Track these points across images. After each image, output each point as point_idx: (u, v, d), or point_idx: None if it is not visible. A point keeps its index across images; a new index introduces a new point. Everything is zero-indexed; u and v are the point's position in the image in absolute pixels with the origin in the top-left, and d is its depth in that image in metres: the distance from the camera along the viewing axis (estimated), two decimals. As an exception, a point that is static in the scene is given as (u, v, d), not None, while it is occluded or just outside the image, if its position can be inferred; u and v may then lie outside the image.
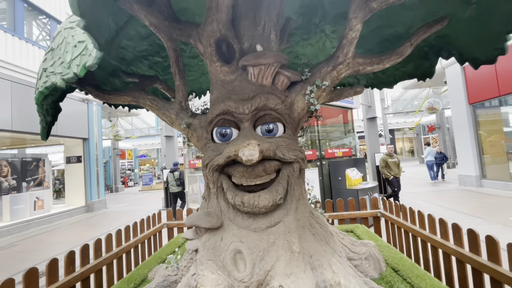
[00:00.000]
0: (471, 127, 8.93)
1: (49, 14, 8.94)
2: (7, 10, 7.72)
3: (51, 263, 1.75)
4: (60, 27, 1.74)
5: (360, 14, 1.43)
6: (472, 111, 8.98)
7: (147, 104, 1.91)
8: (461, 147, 9.43)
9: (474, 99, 8.79)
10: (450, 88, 9.74)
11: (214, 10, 1.52)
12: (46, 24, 9.28)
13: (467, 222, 5.10)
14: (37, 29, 9.45)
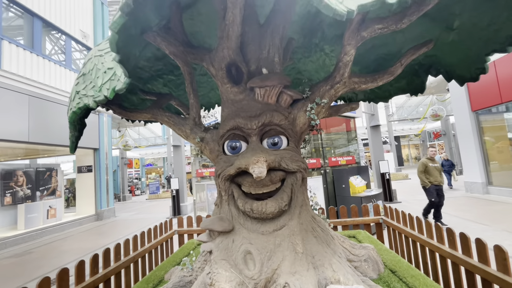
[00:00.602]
0: (475, 134, 8.97)
1: (64, 31, 9.43)
2: (25, 27, 8.20)
3: (79, 265, 1.94)
4: (90, 54, 1.98)
5: (353, 42, 1.63)
6: (475, 118, 9.04)
7: (164, 120, 2.12)
8: (466, 154, 9.44)
9: (477, 106, 8.86)
10: (452, 96, 9.83)
11: (225, 39, 1.74)
12: (59, 38, 9.75)
13: (471, 229, 5.14)
14: (50, 43, 9.95)
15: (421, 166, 5.91)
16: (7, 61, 7.13)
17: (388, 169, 8.85)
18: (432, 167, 5.86)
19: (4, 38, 7.10)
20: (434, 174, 5.82)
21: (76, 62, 10.46)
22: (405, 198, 9.43)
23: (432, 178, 5.80)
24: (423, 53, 1.93)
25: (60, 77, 8.93)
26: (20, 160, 12.10)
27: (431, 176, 5.81)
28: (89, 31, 10.74)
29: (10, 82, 7.13)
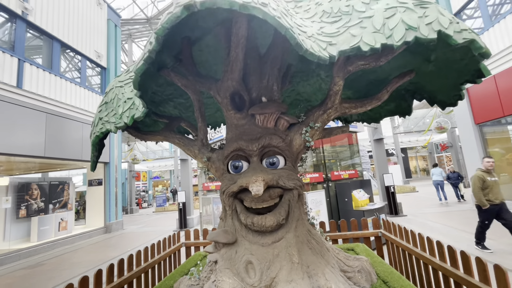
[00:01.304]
0: (480, 147, 8.98)
1: (80, 52, 10.04)
2: (44, 49, 8.79)
3: (97, 274, 2.15)
4: (112, 85, 2.27)
5: (340, 74, 1.86)
6: (479, 130, 9.08)
7: (175, 142, 2.36)
8: (471, 166, 9.40)
9: (480, 119, 8.93)
10: (455, 109, 9.92)
11: (229, 72, 2.00)
12: (73, 57, 10.33)
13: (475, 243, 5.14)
14: (64, 61, 10.53)
15: (477, 181, 4.82)
16: (28, 81, 7.65)
17: (392, 182, 8.88)
18: (492, 182, 4.84)
19: (26, 61, 7.65)
20: (495, 190, 4.77)
21: (88, 79, 11.03)
22: (411, 211, 9.38)
23: (491, 196, 4.73)
24: (408, 80, 2.15)
25: (75, 95, 9.45)
26: (34, 173, 12.56)
27: (491, 193, 4.74)
28: (103, 51, 11.38)
29: (30, 101, 7.62)
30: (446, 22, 1.26)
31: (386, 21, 1.35)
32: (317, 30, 1.53)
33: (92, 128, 2.23)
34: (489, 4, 8.56)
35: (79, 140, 9.29)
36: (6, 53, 7.12)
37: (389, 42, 1.28)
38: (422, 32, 1.25)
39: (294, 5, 1.92)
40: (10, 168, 10.08)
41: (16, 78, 7.28)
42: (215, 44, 2.34)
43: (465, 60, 1.72)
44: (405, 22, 1.29)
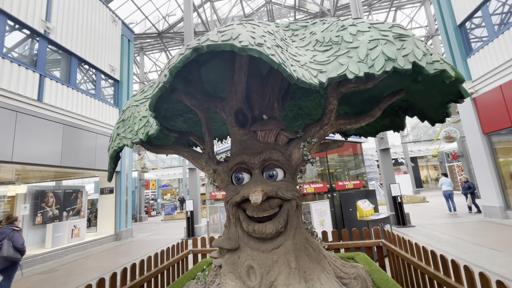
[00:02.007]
0: (489, 157, 8.89)
1: (95, 66, 10.59)
2: (62, 64, 9.34)
3: (112, 276, 2.34)
4: (128, 104, 2.52)
5: (334, 95, 2.05)
6: (487, 140, 9.01)
7: (184, 155, 2.57)
8: (481, 177, 9.29)
9: (488, 129, 8.87)
10: (463, 119, 9.89)
11: (234, 93, 2.21)
12: (88, 70, 10.85)
13: (483, 255, 5.10)
14: (79, 73, 11.08)
15: None
16: (48, 95, 8.14)
17: (399, 192, 8.84)
18: None
19: (46, 76, 8.17)
20: None
21: (102, 92, 11.56)
22: (420, 222, 9.27)
23: None
24: (400, 98, 2.31)
25: (90, 107, 9.93)
26: (49, 182, 13.06)
27: None
28: (116, 65, 11.95)
29: (49, 113, 8.08)
30: (420, 54, 1.43)
31: (369, 52, 1.54)
32: (309, 58, 1.73)
33: (111, 143, 2.47)
34: (493, 14, 8.63)
35: (92, 150, 9.70)
36: (29, 69, 7.64)
37: (371, 71, 1.46)
38: (399, 63, 1.43)
39: (291, 33, 2.13)
40: (27, 177, 10.57)
41: (37, 92, 7.78)
42: (221, 65, 2.58)
43: (447, 83, 1.88)
44: (385, 54, 1.48)
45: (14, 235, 4.49)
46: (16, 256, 4.43)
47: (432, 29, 17.17)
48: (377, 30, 1.65)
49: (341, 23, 1.84)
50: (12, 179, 9.92)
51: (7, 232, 4.48)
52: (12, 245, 4.41)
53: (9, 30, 7.42)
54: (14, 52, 7.62)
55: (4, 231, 4.50)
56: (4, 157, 6.60)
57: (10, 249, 4.36)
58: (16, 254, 4.44)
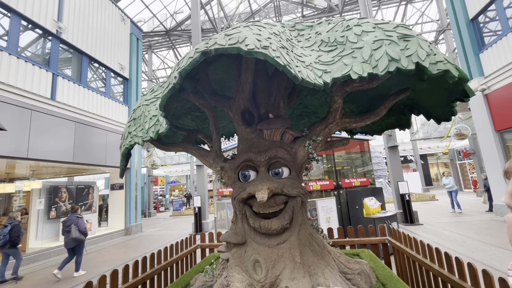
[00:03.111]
0: (501, 154, 8.69)
1: (105, 65, 10.81)
2: (74, 63, 9.57)
3: (124, 268, 2.45)
4: (139, 103, 2.60)
5: (339, 94, 2.07)
6: (500, 138, 8.80)
7: (193, 153, 2.65)
8: (492, 175, 9.11)
9: (500, 126, 8.67)
10: (474, 116, 9.68)
11: (240, 92, 2.27)
12: (98, 68, 11.05)
13: (492, 254, 5.04)
14: (90, 72, 11.30)
15: None
16: (60, 93, 8.38)
17: (407, 190, 8.76)
18: None
19: (59, 75, 8.40)
20: None
21: (112, 90, 11.79)
22: (428, 220, 9.18)
23: None
24: (406, 97, 2.32)
25: (100, 104, 10.17)
26: (62, 178, 13.46)
27: None
28: (126, 63, 12.15)
29: (62, 111, 8.32)
30: (423, 54, 1.45)
31: (373, 53, 1.56)
32: (314, 58, 1.77)
33: (122, 141, 2.57)
34: (508, 7, 8.37)
35: (103, 147, 9.95)
36: (42, 68, 7.87)
37: (375, 72, 1.49)
38: (402, 64, 1.45)
39: (297, 33, 2.16)
40: (41, 173, 10.93)
41: (51, 90, 8.01)
42: (228, 63, 2.64)
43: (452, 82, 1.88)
44: (389, 54, 1.50)
45: (78, 221, 5.81)
46: (81, 237, 5.79)
47: (443, 24, 16.75)
48: (382, 30, 1.67)
49: (346, 23, 1.86)
50: (27, 175, 10.29)
51: (73, 219, 5.78)
52: (77, 229, 5.72)
53: (23, 30, 7.65)
54: (28, 52, 7.86)
55: (70, 218, 5.81)
56: (20, 153, 6.86)
57: (76, 232, 5.67)
58: (81, 235, 5.77)
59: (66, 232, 5.72)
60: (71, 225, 5.71)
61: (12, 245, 5.60)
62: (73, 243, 5.77)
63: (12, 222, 5.73)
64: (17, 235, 5.62)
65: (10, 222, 5.73)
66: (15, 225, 5.67)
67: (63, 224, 5.83)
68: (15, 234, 5.60)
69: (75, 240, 5.72)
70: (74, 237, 5.66)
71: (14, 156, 6.71)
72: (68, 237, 5.68)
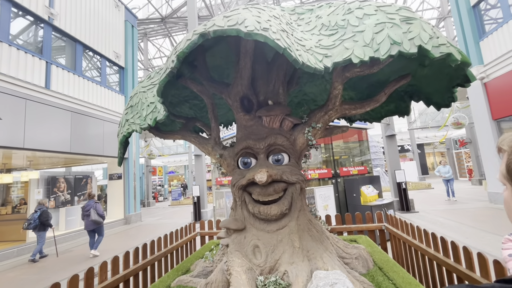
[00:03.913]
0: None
1: (100, 53, 10.59)
2: (68, 51, 9.36)
3: (125, 255, 2.48)
4: (136, 90, 2.56)
5: (339, 80, 2.05)
6: (496, 126, 8.85)
7: (191, 140, 2.63)
8: (488, 163, 9.22)
9: (497, 115, 8.70)
10: (472, 104, 9.69)
11: (239, 78, 2.23)
12: (92, 57, 10.82)
13: (486, 240, 5.16)
14: (84, 61, 11.07)
15: None
16: (55, 82, 8.23)
17: (404, 178, 8.86)
18: None
19: (53, 63, 8.22)
20: None
21: (108, 79, 11.60)
22: (423, 208, 9.34)
23: None
24: (406, 83, 2.30)
25: (96, 94, 10.02)
26: (59, 168, 13.42)
27: None
28: (121, 51, 11.90)
29: (57, 101, 8.20)
30: (426, 37, 1.42)
31: (375, 36, 1.53)
32: (315, 42, 1.73)
33: (120, 128, 2.54)
34: (510, -5, 8.23)
35: (100, 137, 9.88)
36: (35, 56, 7.69)
37: (376, 56, 1.47)
38: (404, 47, 1.42)
39: (297, 17, 2.11)
40: (38, 163, 10.88)
41: (45, 79, 7.86)
42: (226, 49, 2.58)
43: (453, 67, 1.86)
44: (391, 37, 1.47)
45: (96, 206, 6.52)
46: (99, 220, 6.47)
47: (444, 11, 16.49)
48: (384, 13, 1.63)
49: (348, 6, 1.81)
50: (24, 166, 10.24)
51: (91, 204, 6.50)
52: (96, 212, 6.41)
53: (14, 17, 7.42)
54: (20, 39, 7.65)
55: (89, 203, 6.52)
56: (16, 143, 6.79)
57: (95, 215, 6.39)
58: (99, 218, 6.47)
59: (86, 216, 6.43)
60: (90, 209, 6.41)
61: (42, 228, 6.51)
62: (93, 226, 6.48)
63: (41, 208, 6.59)
64: (45, 219, 6.50)
65: (40, 208, 6.59)
66: (43, 211, 6.53)
67: (83, 209, 6.54)
68: (44, 218, 6.48)
69: (94, 222, 6.43)
70: (94, 219, 6.37)
71: (10, 146, 6.65)
72: (88, 220, 6.40)
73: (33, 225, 6.37)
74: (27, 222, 6.43)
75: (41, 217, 6.46)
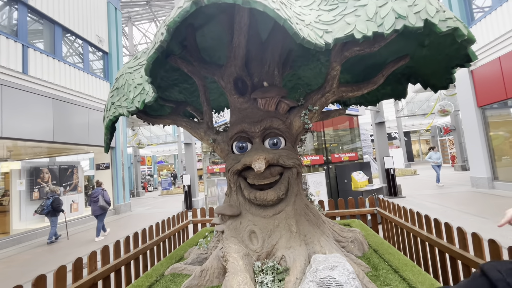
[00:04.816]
0: (481, 130, 9.03)
1: (81, 37, 10.01)
2: (46, 34, 8.77)
3: (115, 244, 2.39)
4: (121, 71, 2.39)
5: (338, 59, 1.97)
6: (481, 113, 9.09)
7: (182, 125, 2.52)
8: (472, 149, 9.52)
9: (482, 102, 8.92)
10: (459, 92, 9.88)
11: (232, 58, 2.12)
12: (73, 41, 10.24)
13: (469, 222, 5.37)
14: (66, 47, 10.48)
15: None
16: (33, 67, 7.74)
17: (393, 164, 9.05)
18: None
19: (30, 46, 7.70)
20: None
21: (92, 65, 11.06)
22: (410, 193, 9.62)
23: None
24: (403, 65, 2.24)
25: (78, 80, 9.54)
26: (43, 158, 12.91)
27: None
28: (104, 35, 11.31)
29: (36, 87, 7.75)
30: (432, 11, 1.35)
31: (378, 10, 1.45)
32: (314, 18, 1.63)
33: (105, 112, 2.38)
34: (499, -18, 8.26)
35: (85, 125, 9.49)
36: (10, 38, 7.17)
37: (380, 30, 1.39)
38: (410, 21, 1.35)
39: (294, -8, 1.99)
40: (19, 153, 10.40)
41: (22, 64, 7.38)
42: (218, 30, 2.43)
43: (455, 45, 1.81)
44: (396, 11, 1.39)
45: (104, 193, 7.15)
46: (106, 206, 7.07)
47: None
48: (387, -15, 1.54)
49: (348, -21, 1.71)
50: (4, 156, 9.76)
51: (99, 191, 7.11)
52: (104, 199, 7.01)
53: (-16, -5, 6.84)
54: (-8, 20, 7.10)
55: (97, 190, 7.15)
56: (-7, 132, 6.42)
57: (103, 201, 6.97)
58: (106, 205, 7.05)
59: (93, 202, 6.95)
60: (98, 196, 6.99)
61: (53, 214, 7.03)
62: (100, 211, 7.01)
63: (53, 195, 7.12)
64: (57, 205, 7.04)
65: (52, 195, 7.13)
66: (55, 198, 7.07)
67: (91, 196, 7.09)
68: (56, 204, 7.01)
69: (101, 207, 6.97)
70: (101, 204, 6.93)
71: (-14, 135, 6.28)
72: (96, 205, 6.93)
73: (46, 211, 6.87)
74: (40, 207, 6.96)
75: (53, 203, 6.95)
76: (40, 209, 6.96)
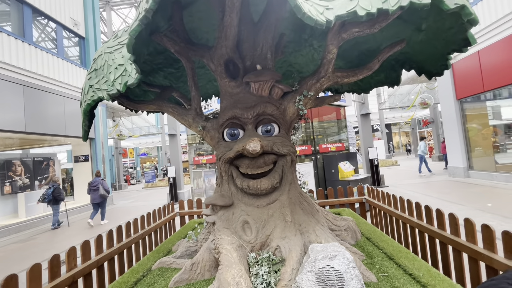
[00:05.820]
0: (459, 122, 9.41)
1: (54, 19, 9.28)
2: (13, 15, 8.04)
3: (97, 238, 2.23)
4: (100, 51, 2.18)
5: (335, 42, 1.88)
6: (459, 106, 9.45)
7: (169, 111, 2.35)
8: (450, 140, 9.92)
9: (461, 95, 9.26)
10: (439, 84, 10.20)
11: (223, 39, 1.97)
12: (46, 25, 9.50)
13: (449, 208, 5.60)
14: (36, 30, 9.72)
15: None
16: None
17: (376, 155, 9.27)
18: None
19: (-5, 27, 7.03)
20: None
21: (68, 51, 10.35)
22: (392, 182, 9.94)
23: None
24: (398, 51, 2.19)
25: (52, 66, 8.89)
26: (15, 150, 12.10)
27: None
28: (80, 19, 10.57)
29: (3, 72, 7.12)
30: (440, -13, 1.29)
31: (382, -14, 1.36)
32: (314, -7, 1.52)
33: (83, 96, 2.17)
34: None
35: (61, 115, 8.92)
36: (-29, 18, 6.50)
37: (385, 7, 1.30)
38: (416, -3, 1.27)
39: (290, -33, 1.86)
40: (-12, 145, 9.65)
41: (-14, 46, 6.73)
42: (206, 10, 2.27)
43: (453, 29, 1.77)
44: (401, -13, 1.31)
45: (103, 183, 7.67)
46: (106, 194, 7.58)
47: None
48: (391, -39, 1.45)
49: (349, -46, 1.60)
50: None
51: (98, 180, 7.64)
52: (103, 188, 7.54)
53: None
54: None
55: (96, 180, 7.65)
56: (-45, 121, 5.85)
57: (103, 190, 7.51)
58: (105, 193, 7.59)
59: (93, 191, 7.47)
60: (98, 185, 7.48)
61: (54, 202, 7.34)
62: (100, 199, 7.50)
63: (54, 185, 7.38)
64: (58, 194, 7.31)
65: (53, 185, 7.39)
66: (56, 187, 7.35)
67: (90, 185, 7.54)
68: (56, 193, 7.30)
69: (101, 196, 7.46)
70: (101, 193, 7.43)
71: None
72: (96, 194, 7.44)
73: (47, 200, 7.21)
74: (42, 196, 7.31)
75: (54, 192, 7.25)
76: (42, 198, 7.30)
